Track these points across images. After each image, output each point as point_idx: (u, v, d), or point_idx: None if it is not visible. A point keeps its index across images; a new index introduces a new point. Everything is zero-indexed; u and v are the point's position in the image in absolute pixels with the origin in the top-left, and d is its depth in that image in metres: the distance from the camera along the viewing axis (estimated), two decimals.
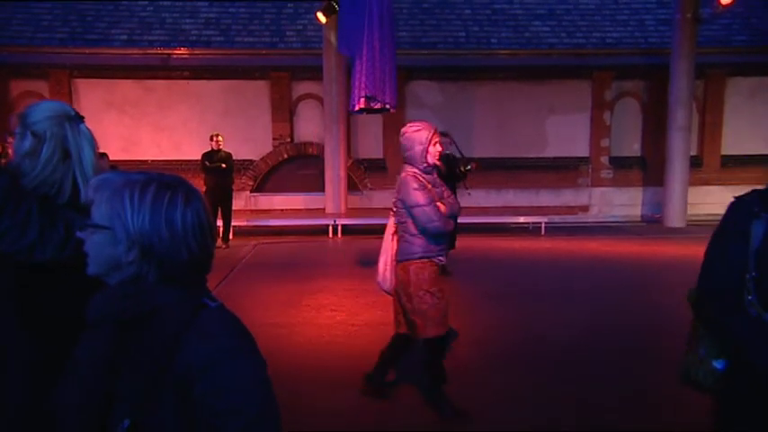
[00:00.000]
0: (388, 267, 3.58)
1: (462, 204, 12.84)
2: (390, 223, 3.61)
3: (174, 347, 1.03)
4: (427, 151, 3.41)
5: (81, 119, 1.65)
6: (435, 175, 3.55)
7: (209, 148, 9.37)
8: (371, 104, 6.07)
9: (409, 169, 3.44)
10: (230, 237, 9.44)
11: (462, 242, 9.61)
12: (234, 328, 1.11)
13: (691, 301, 1.79)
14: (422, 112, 12.17)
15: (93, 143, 1.66)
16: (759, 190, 1.67)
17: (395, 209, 3.53)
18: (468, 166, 6.67)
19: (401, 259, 3.46)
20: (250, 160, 12.09)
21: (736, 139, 12.34)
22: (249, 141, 12.01)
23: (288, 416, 3.60)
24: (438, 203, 3.38)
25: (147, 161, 11.56)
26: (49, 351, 1.47)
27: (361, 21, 5.83)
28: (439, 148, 3.50)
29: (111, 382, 1.05)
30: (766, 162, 12.28)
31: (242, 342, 1.10)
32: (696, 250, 8.11)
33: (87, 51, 11.38)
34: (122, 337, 1.08)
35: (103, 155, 7.30)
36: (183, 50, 11.48)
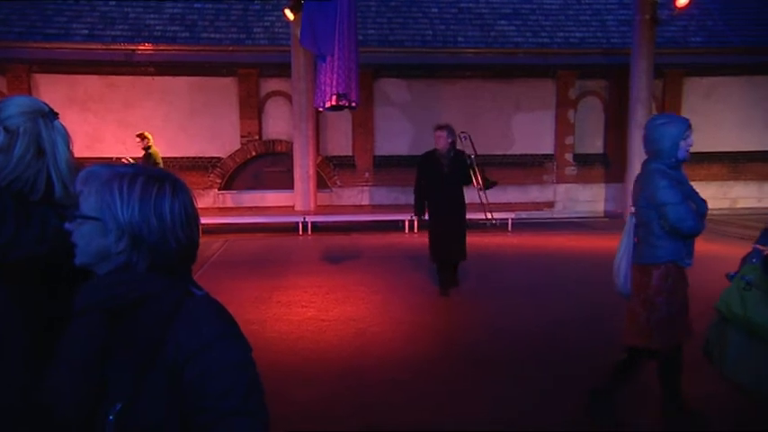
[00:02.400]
0: (628, 269, 3.15)
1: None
2: (630, 223, 3.20)
3: (163, 334, 1.07)
4: (678, 146, 3.11)
5: (55, 115, 1.65)
6: (682, 172, 3.23)
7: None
8: (341, 102, 6.11)
9: (654, 165, 3.12)
10: None
11: None
12: (220, 314, 1.16)
13: None
14: (390, 110, 12.26)
15: (67, 139, 1.66)
16: None
17: (634, 208, 3.19)
18: (488, 182, 6.56)
19: (643, 262, 3.11)
20: (218, 158, 11.98)
21: (694, 137, 12.72)
22: (217, 139, 11.90)
23: None
24: (690, 202, 3.07)
25: (111, 158, 11.33)
26: (24, 344, 1.48)
27: (331, 18, 5.86)
28: (691, 142, 3.18)
29: (101, 368, 1.09)
30: (722, 159, 12.77)
31: (228, 327, 1.14)
32: None
33: (47, 46, 11.10)
34: (112, 324, 1.11)
35: None
36: (147, 46, 11.29)
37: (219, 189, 12.02)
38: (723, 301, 1.75)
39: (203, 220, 6.35)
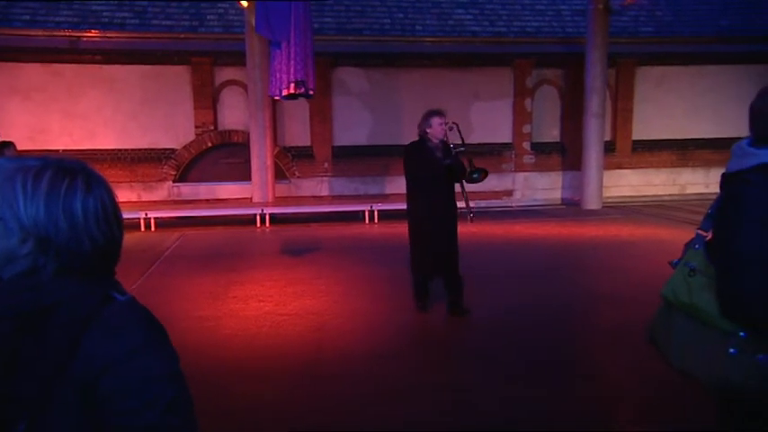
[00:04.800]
0: None
1: (391, 191, 12.81)
2: None
3: (73, 344, 0.97)
4: None
5: None
6: None
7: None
8: (299, 89, 5.96)
9: None
10: None
11: (392, 229, 9.72)
12: (142, 322, 1.06)
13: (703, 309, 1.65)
14: (348, 99, 12.13)
15: None
16: (761, 168, 1.58)
17: None
18: (475, 175, 4.92)
19: None
20: (172, 149, 11.63)
21: (645, 125, 13.10)
22: (170, 129, 11.55)
23: (213, 410, 3.53)
24: None
25: (57, 151, 10.86)
26: None
27: (286, 5, 5.70)
28: None
29: (6, 383, 0.98)
30: (672, 147, 13.15)
31: (151, 337, 1.05)
32: (610, 230, 8.67)
33: None
34: (18, 334, 1.01)
35: (8, 144, 6.78)
36: (93, 33, 10.82)
37: (174, 181, 11.69)
38: (669, 288, 1.75)
39: (157, 214, 6.20)
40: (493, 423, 3.23)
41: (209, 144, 11.76)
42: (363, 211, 10.52)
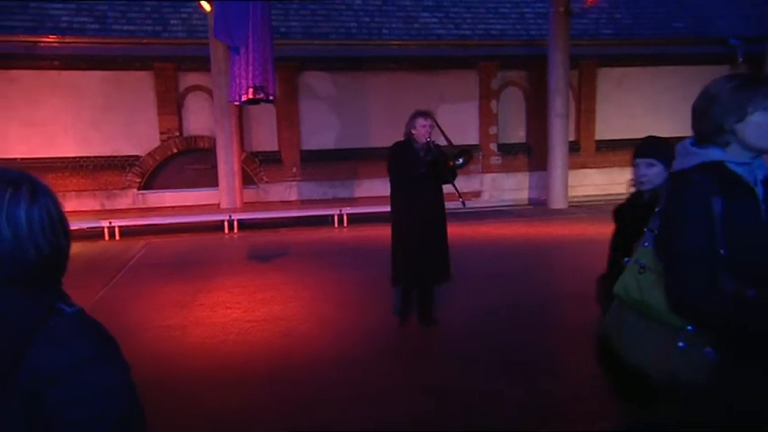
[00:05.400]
0: None
1: (360, 195, 12.80)
2: None
3: (19, 355, 0.96)
4: None
5: None
6: None
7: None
8: (258, 95, 5.94)
9: None
10: None
11: (362, 232, 9.73)
12: (90, 333, 1.04)
13: (651, 306, 1.71)
14: (315, 103, 12.10)
15: None
16: (703, 167, 1.65)
17: None
18: (460, 159, 4.60)
19: None
20: (136, 156, 11.42)
21: (608, 124, 13.40)
22: (134, 136, 11.33)
23: (180, 419, 3.48)
24: None
25: (15, 159, 10.56)
26: None
27: (244, 9, 5.67)
28: None
29: None
30: (634, 146, 13.41)
31: (99, 348, 1.03)
32: (576, 229, 8.79)
33: None
34: None
35: None
36: (51, 38, 10.56)
37: (139, 189, 11.48)
38: (621, 285, 1.80)
39: (121, 222, 6.07)
40: (468, 424, 3.25)
41: (175, 150, 11.59)
42: (332, 216, 10.50)
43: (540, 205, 12.44)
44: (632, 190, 2.73)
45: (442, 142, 4.68)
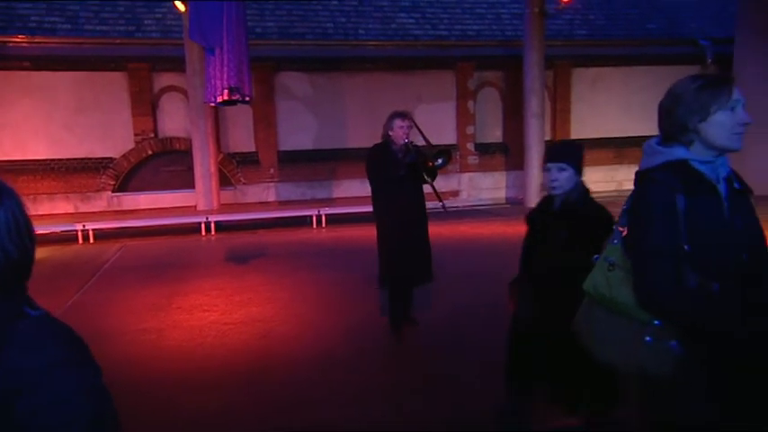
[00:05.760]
0: None
1: (338, 195, 12.76)
2: None
3: None
4: None
5: None
6: None
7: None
8: (233, 96, 5.90)
9: None
10: None
11: (340, 233, 9.72)
12: (59, 336, 1.04)
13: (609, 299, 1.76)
14: (292, 104, 12.05)
15: None
16: (668, 165, 1.70)
17: None
18: (440, 160, 4.51)
19: None
20: (110, 158, 11.24)
21: (583, 124, 13.60)
22: (108, 138, 11.15)
23: (158, 423, 3.44)
24: None
25: None
26: None
27: (218, 9, 5.63)
28: None
29: None
30: (608, 145, 13.68)
31: (69, 351, 1.03)
32: None
33: None
34: None
35: None
36: (20, 38, 10.35)
37: (113, 191, 11.30)
38: (590, 283, 1.84)
39: (96, 225, 5.98)
40: (450, 423, 3.27)
41: (150, 152, 11.44)
42: (311, 216, 10.47)
43: (517, 204, 12.55)
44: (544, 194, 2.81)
45: (421, 143, 4.67)
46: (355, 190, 11.53)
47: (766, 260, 1.77)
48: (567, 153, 2.64)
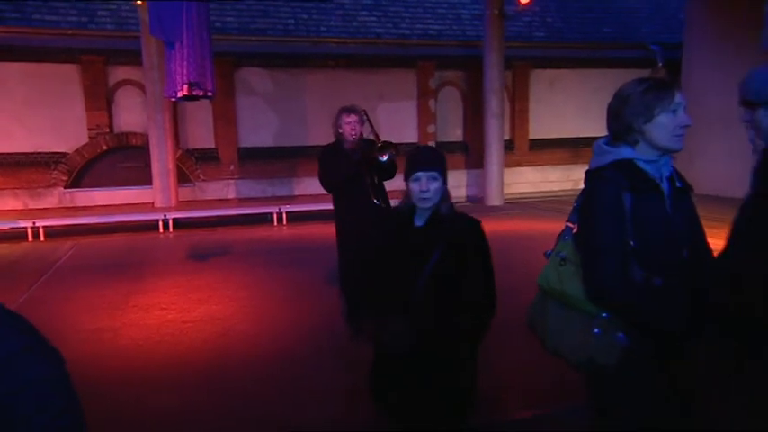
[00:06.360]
0: None
1: (300, 192, 12.66)
2: None
3: None
4: None
5: None
6: None
7: None
8: (194, 91, 5.81)
9: None
10: None
11: (301, 230, 9.68)
12: (16, 326, 1.03)
13: (564, 291, 1.83)
14: (253, 100, 11.93)
15: None
16: (615, 164, 1.79)
17: None
18: (386, 155, 4.29)
19: None
20: (62, 153, 10.89)
21: (541, 124, 13.91)
22: (60, 132, 10.80)
23: (113, 422, 3.38)
24: None
25: None
26: None
27: (178, 4, 5.54)
28: None
29: None
30: (565, 145, 14.04)
31: (28, 340, 1.03)
32: (510, 225, 9.10)
33: None
34: None
35: None
36: None
37: (66, 187, 10.96)
38: (543, 277, 1.91)
39: (46, 222, 5.83)
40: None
41: (105, 147, 11.13)
42: (271, 214, 10.39)
43: (477, 202, 12.76)
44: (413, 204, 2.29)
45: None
46: (317, 187, 11.39)
47: (705, 256, 1.88)
48: (438, 160, 2.24)
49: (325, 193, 4.65)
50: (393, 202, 4.35)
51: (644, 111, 1.78)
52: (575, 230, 1.86)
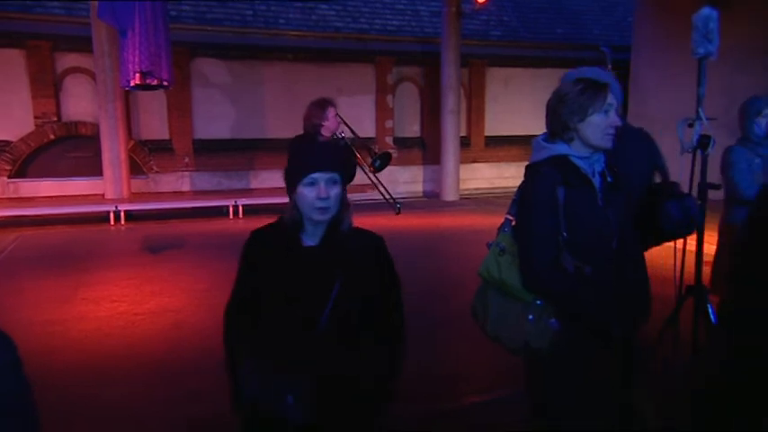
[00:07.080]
0: None
1: (256, 185, 12.54)
2: None
3: None
4: None
5: None
6: None
7: None
8: (147, 80, 5.71)
9: None
10: None
11: (257, 223, 9.57)
12: None
13: (506, 282, 1.93)
14: (209, 91, 11.75)
15: None
16: (551, 160, 1.90)
17: None
18: (378, 161, 4.11)
19: None
20: (6, 141, 10.48)
21: (496, 121, 14.20)
22: (3, 119, 10.39)
23: (63, 414, 3.35)
24: None
25: None
26: None
27: None
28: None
29: None
30: (519, 142, 14.37)
31: None
32: (465, 220, 9.30)
33: None
34: None
35: None
36: None
37: (9, 177, 10.56)
38: (484, 267, 2.01)
39: None
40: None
41: (52, 136, 10.76)
42: (227, 207, 10.29)
43: (433, 197, 12.94)
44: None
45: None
46: (273, 181, 11.43)
47: (633, 247, 2.02)
48: (339, 159, 1.84)
49: (283, 185, 4.59)
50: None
51: (579, 110, 1.90)
52: (513, 223, 1.97)
